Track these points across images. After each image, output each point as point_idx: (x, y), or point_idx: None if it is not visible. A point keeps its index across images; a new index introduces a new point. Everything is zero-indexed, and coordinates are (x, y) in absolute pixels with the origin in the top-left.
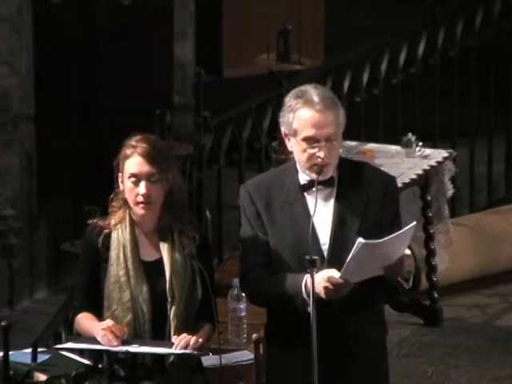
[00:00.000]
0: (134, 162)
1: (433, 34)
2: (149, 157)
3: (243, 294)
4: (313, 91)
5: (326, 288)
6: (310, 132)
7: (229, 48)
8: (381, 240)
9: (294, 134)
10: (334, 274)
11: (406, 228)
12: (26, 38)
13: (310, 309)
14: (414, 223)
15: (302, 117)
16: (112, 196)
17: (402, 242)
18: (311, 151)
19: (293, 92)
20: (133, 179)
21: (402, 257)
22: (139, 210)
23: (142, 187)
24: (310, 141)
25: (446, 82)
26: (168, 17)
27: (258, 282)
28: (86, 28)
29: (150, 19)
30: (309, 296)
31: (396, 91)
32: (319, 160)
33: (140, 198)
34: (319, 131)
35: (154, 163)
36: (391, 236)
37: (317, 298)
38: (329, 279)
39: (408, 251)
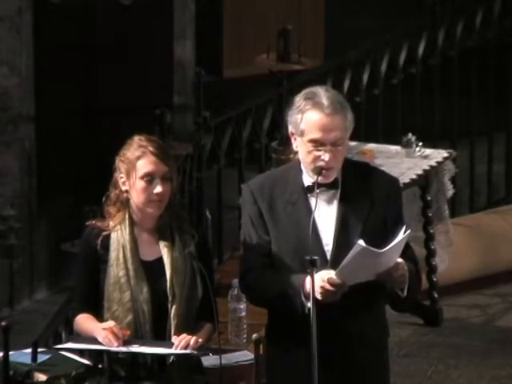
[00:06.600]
0: (148, 161)
1: (433, 34)
2: (162, 155)
3: (243, 294)
4: (323, 94)
5: (322, 288)
6: (317, 135)
7: (229, 48)
8: (379, 251)
9: (301, 134)
10: (332, 274)
11: (401, 237)
12: (26, 38)
13: (309, 309)
14: (408, 232)
15: (310, 119)
16: (104, 200)
17: (396, 251)
18: (316, 153)
19: (303, 92)
20: (146, 178)
21: (395, 265)
22: (150, 209)
23: (159, 186)
24: (316, 143)
25: (446, 82)
26: (168, 17)
27: (257, 283)
28: (86, 28)
29: (150, 19)
30: (307, 297)
31: (396, 91)
32: (323, 163)
33: (155, 197)
34: (326, 135)
35: (167, 162)
36: (389, 247)
37: (316, 300)
38: (328, 280)
39: (400, 259)
